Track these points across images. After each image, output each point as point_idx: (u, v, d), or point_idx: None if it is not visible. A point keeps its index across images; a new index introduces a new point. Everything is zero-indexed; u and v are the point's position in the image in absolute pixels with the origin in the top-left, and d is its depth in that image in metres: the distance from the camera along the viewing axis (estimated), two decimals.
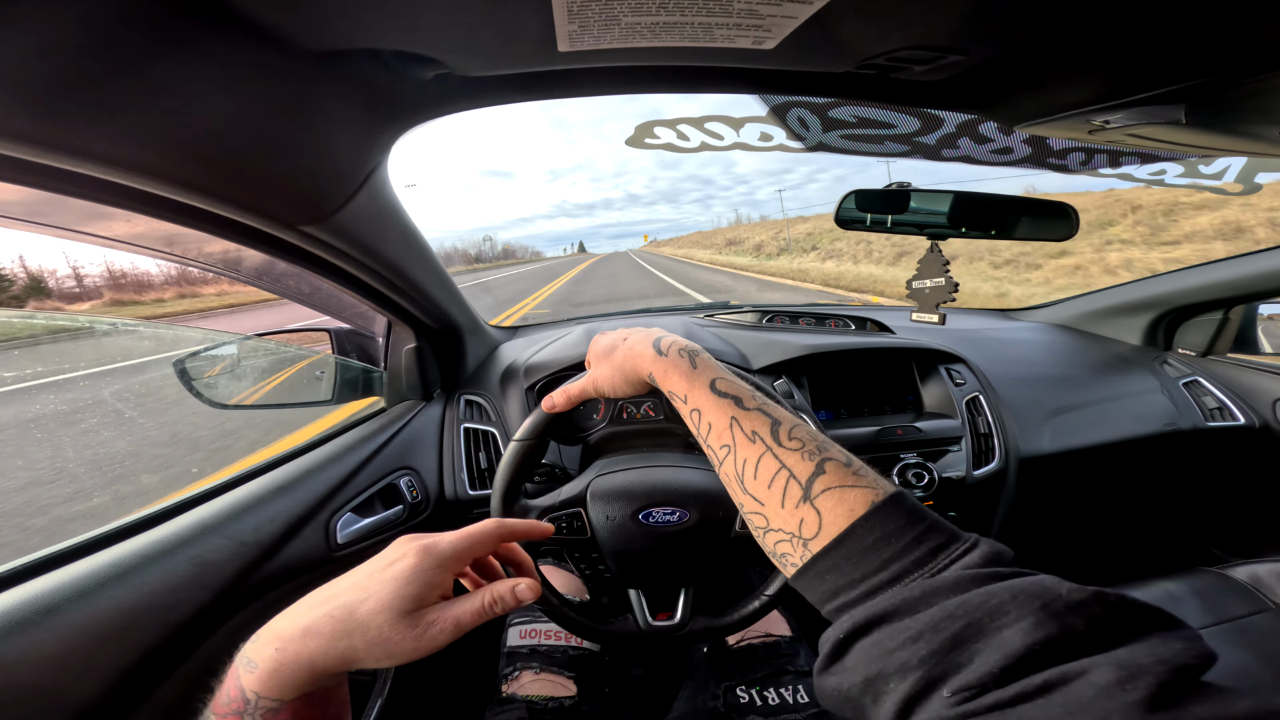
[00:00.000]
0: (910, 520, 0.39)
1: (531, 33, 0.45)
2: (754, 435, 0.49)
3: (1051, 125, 0.59)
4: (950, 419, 1.20)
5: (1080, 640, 0.29)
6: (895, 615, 0.35)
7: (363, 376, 1.21)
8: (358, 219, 0.68)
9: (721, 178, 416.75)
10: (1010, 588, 0.33)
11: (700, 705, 0.95)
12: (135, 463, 3.84)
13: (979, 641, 0.31)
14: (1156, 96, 0.49)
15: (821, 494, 0.42)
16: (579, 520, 0.79)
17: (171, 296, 23.59)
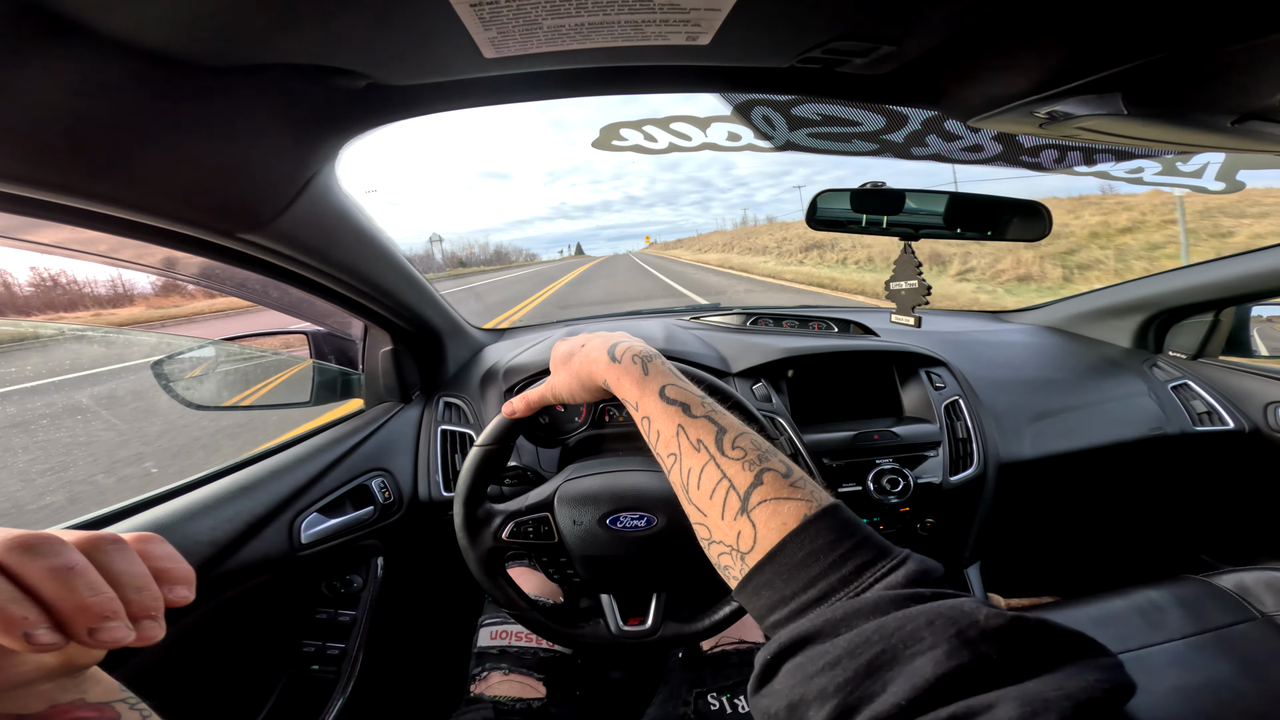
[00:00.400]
0: (840, 535, 0.39)
1: (451, 42, 0.45)
2: (699, 444, 0.48)
3: (1000, 119, 0.58)
4: (929, 424, 1.18)
5: (993, 670, 0.28)
6: (818, 637, 0.34)
7: (341, 379, 1.21)
8: (301, 225, 0.69)
9: (720, 180, 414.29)
10: (927, 611, 0.32)
11: (671, 712, 0.94)
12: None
13: (892, 669, 0.30)
14: (1091, 84, 0.48)
15: (758, 506, 0.42)
16: (546, 525, 0.78)
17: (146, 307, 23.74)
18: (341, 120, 0.59)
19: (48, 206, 0.49)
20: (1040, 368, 1.45)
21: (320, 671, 1.01)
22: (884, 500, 1.07)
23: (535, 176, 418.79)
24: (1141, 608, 1.07)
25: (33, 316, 32.63)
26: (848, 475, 1.10)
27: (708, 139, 0.88)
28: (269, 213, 0.62)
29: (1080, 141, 0.69)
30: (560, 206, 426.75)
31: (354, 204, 0.78)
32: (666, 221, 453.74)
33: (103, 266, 0.69)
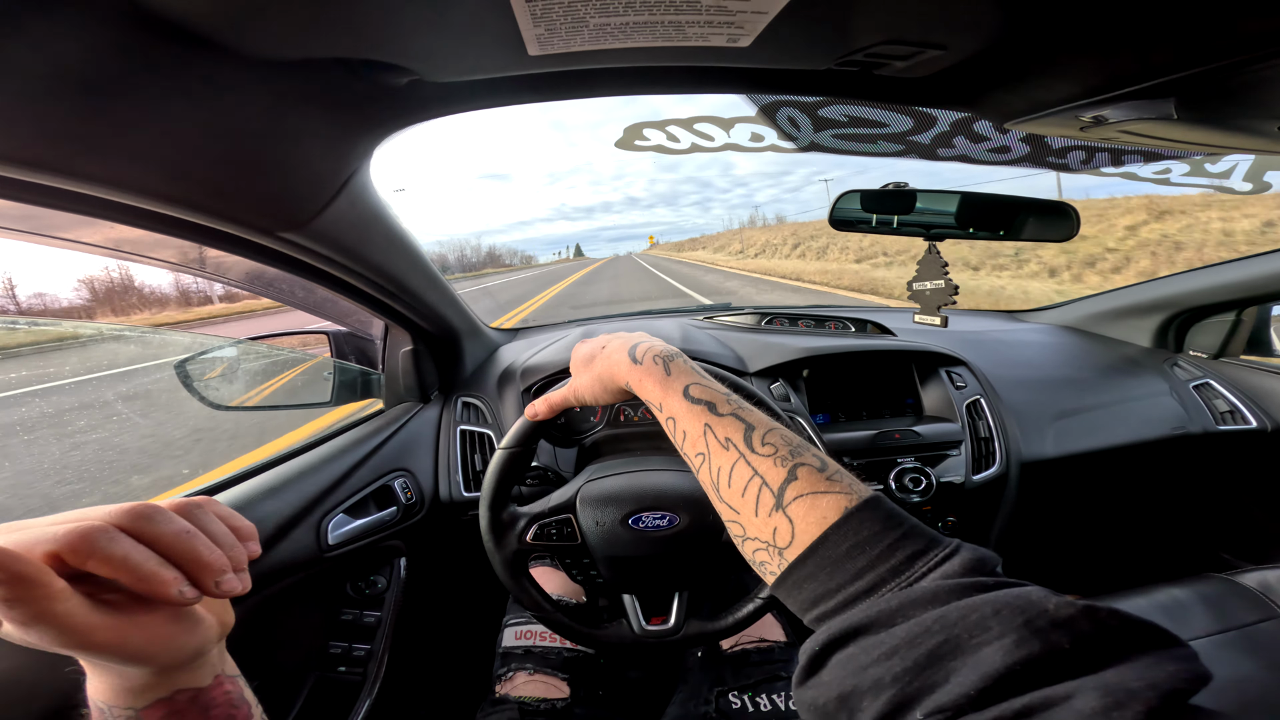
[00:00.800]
0: (886, 526, 0.38)
1: (499, 38, 0.45)
2: (727, 442, 0.47)
3: (1041, 122, 0.57)
4: (950, 423, 1.18)
5: (1066, 660, 0.27)
6: (871, 628, 0.33)
7: (361, 379, 1.21)
8: (338, 224, 0.69)
9: (720, 180, 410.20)
10: (992, 600, 0.31)
11: (692, 710, 0.94)
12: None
13: (956, 659, 0.29)
14: (1144, 90, 0.47)
15: (794, 501, 0.41)
16: (569, 526, 0.79)
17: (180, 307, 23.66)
18: (381, 117, 0.58)
19: (91, 201, 0.49)
20: (1060, 367, 1.44)
21: (347, 673, 1.02)
22: (906, 499, 1.07)
23: (535, 178, 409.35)
24: (1164, 606, 1.07)
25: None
26: (869, 474, 1.10)
27: (730, 139, 0.87)
28: (309, 211, 0.62)
29: (1118, 144, 0.68)
30: (560, 207, 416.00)
31: (385, 204, 0.78)
32: (667, 222, 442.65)
33: (141, 267, 0.69)
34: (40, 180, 0.44)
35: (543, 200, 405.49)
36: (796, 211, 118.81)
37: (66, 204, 0.48)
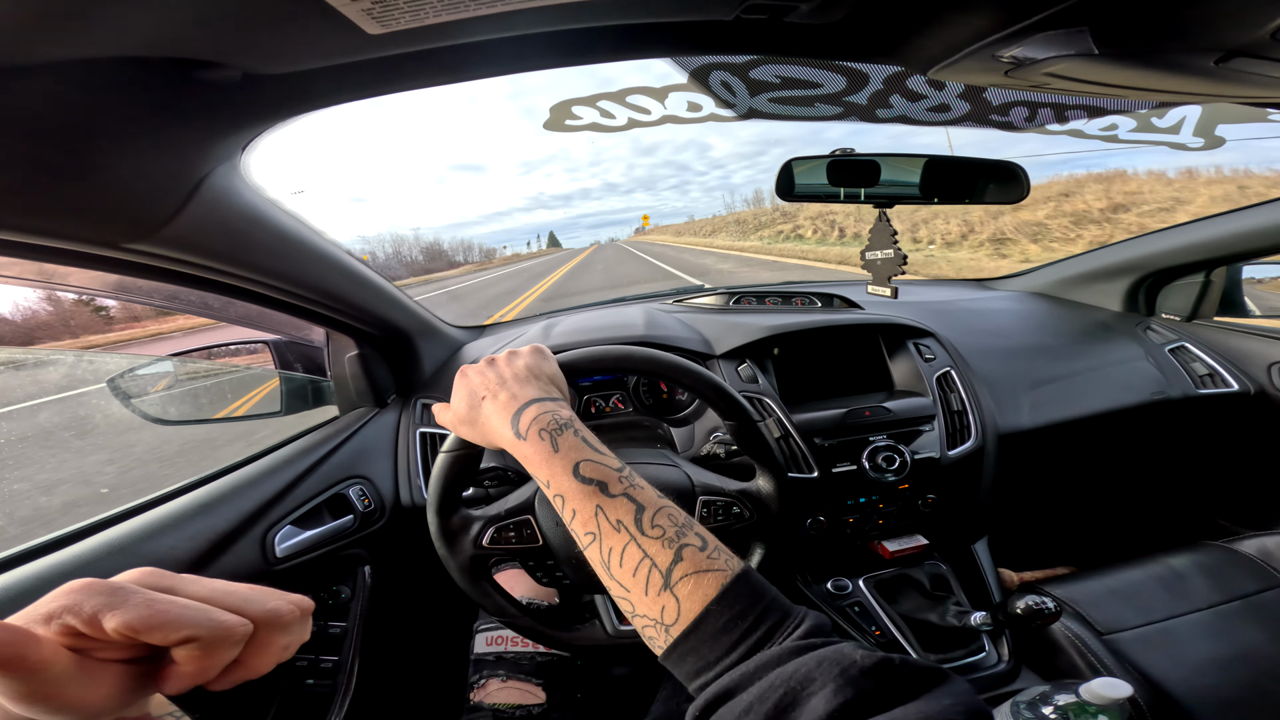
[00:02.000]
0: (753, 600, 0.43)
1: (323, 20, 0.40)
2: (619, 524, 0.49)
3: (962, 67, 0.54)
4: (921, 397, 1.15)
5: (873, 701, 0.34)
6: (736, 690, 0.38)
7: (310, 387, 1.18)
8: (199, 231, 0.64)
9: (697, 163, 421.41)
10: (817, 656, 0.37)
11: (676, 708, 0.92)
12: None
13: (795, 710, 0.35)
14: (1055, 17, 0.44)
15: (679, 580, 0.45)
16: (528, 528, 0.75)
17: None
18: (226, 116, 0.53)
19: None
20: (1031, 334, 1.42)
21: (316, 685, 0.98)
22: (881, 478, 1.04)
23: (509, 167, 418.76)
24: (1163, 577, 1.05)
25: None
26: (841, 454, 1.07)
27: (668, 110, 0.85)
28: (155, 219, 0.58)
29: (1050, 93, 0.65)
30: (538, 197, 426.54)
31: (268, 203, 0.74)
32: (646, 207, 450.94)
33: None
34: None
35: (519, 190, 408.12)
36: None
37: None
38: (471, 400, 0.62)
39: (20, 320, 38.00)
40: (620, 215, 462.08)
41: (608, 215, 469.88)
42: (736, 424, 0.77)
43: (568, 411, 0.58)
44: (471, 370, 0.65)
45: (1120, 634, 0.94)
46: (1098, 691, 0.61)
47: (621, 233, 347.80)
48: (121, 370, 1.02)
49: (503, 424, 0.57)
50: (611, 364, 0.75)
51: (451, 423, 0.66)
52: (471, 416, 0.62)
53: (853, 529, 1.10)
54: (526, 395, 0.59)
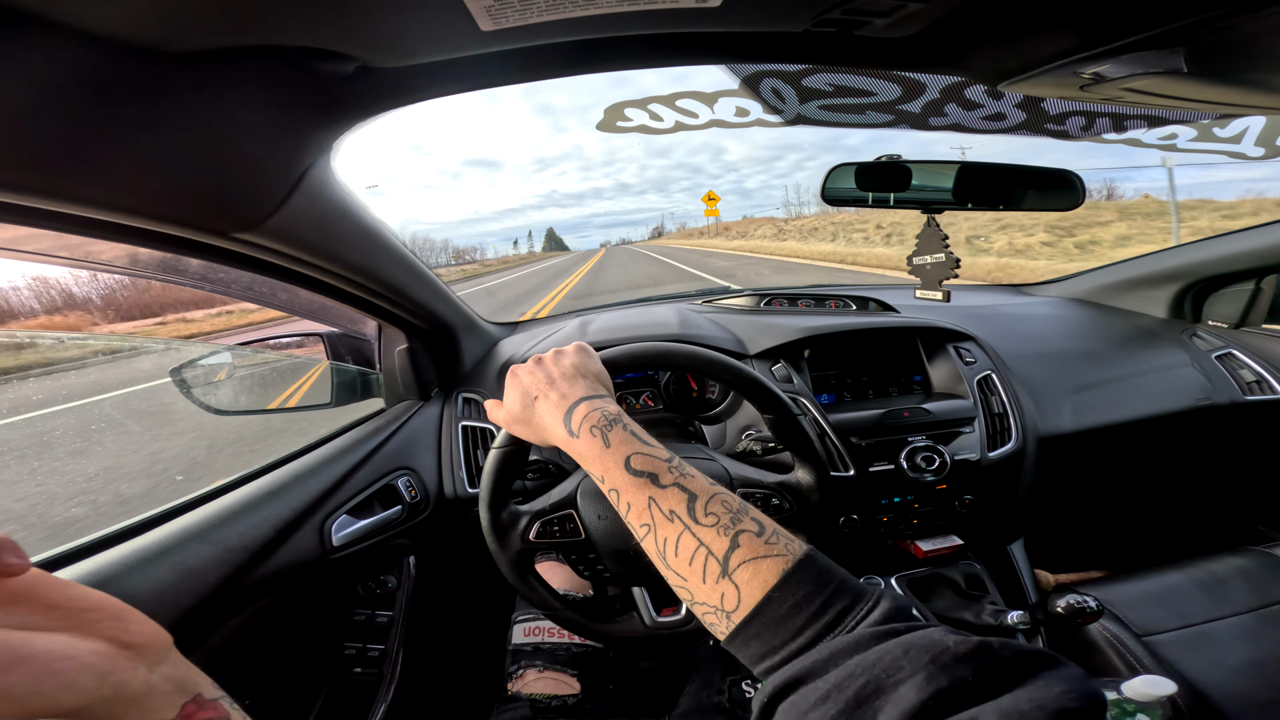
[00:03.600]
0: (819, 584, 0.42)
1: (445, 14, 0.42)
2: (671, 514, 0.49)
3: (1037, 81, 0.54)
4: (961, 399, 1.15)
5: (970, 690, 0.31)
6: (808, 678, 0.37)
7: (359, 379, 1.21)
8: (299, 222, 0.67)
9: (711, 165, 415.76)
10: (902, 643, 0.35)
11: (705, 701, 0.93)
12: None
13: (879, 698, 0.32)
14: (1150, 39, 0.43)
15: (738, 568, 0.44)
16: (571, 522, 0.77)
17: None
18: (333, 109, 0.56)
19: (22, 211, 0.47)
20: (1073, 339, 1.40)
21: (363, 674, 1.02)
22: (919, 478, 1.05)
23: (524, 164, 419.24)
24: (1201, 581, 1.04)
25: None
26: (878, 454, 1.08)
27: (715, 115, 0.85)
28: (263, 210, 0.60)
29: (1122, 105, 0.64)
30: (551, 194, 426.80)
31: (354, 199, 0.76)
32: (658, 209, 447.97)
33: (103, 274, 0.68)
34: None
35: (532, 188, 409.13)
36: (788, 198, 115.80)
37: (26, 219, 0.48)
38: (524, 400, 0.64)
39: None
40: (632, 216, 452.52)
41: (619, 215, 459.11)
42: (775, 417, 0.78)
43: (615, 407, 0.59)
44: (522, 370, 0.66)
45: (1158, 636, 0.94)
46: (1140, 689, 0.61)
47: (633, 234, 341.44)
48: (185, 361, 1.07)
49: (556, 422, 0.59)
50: (653, 360, 0.76)
51: (505, 421, 0.68)
52: (525, 416, 0.64)
53: (886, 528, 1.11)
54: (576, 393, 0.61)
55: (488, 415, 0.71)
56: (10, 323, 30.28)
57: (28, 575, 0.31)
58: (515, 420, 0.65)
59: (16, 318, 34.90)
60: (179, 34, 0.39)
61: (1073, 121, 0.80)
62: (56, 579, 0.33)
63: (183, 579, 0.67)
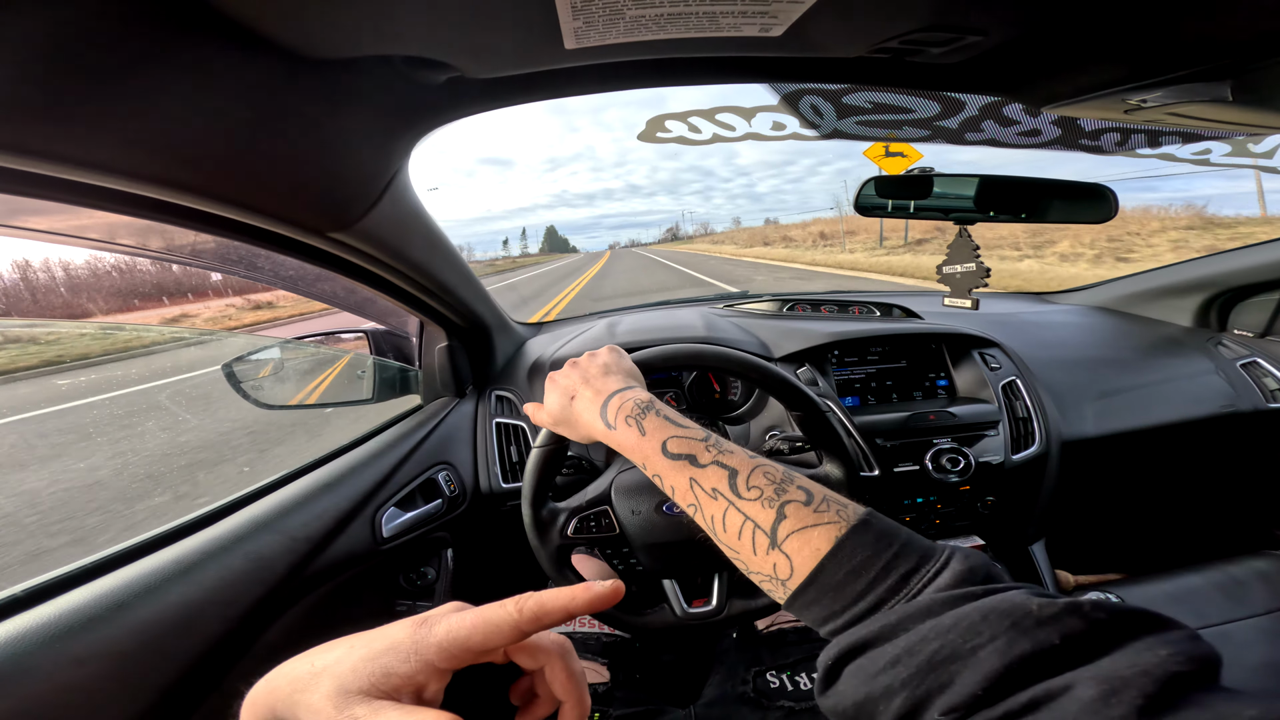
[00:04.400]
0: (878, 548, 0.41)
1: (538, 32, 0.45)
2: (714, 492, 0.49)
3: (1083, 106, 0.56)
4: (986, 403, 1.17)
5: (1058, 655, 0.29)
6: (876, 641, 0.36)
7: (400, 375, 1.26)
8: (382, 224, 0.70)
9: (722, 169, 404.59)
10: (980, 608, 0.33)
11: (730, 690, 0.96)
12: None
13: (956, 663, 0.31)
14: (1198, 73, 0.46)
15: (787, 539, 0.44)
16: (606, 518, 0.81)
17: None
18: (419, 116, 0.59)
19: (142, 201, 0.49)
20: (1096, 347, 1.42)
21: None
22: (944, 479, 1.07)
23: (536, 164, 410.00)
24: (1220, 583, 1.05)
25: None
26: (903, 455, 1.11)
27: (752, 129, 0.88)
28: (357, 211, 0.63)
29: (1162, 126, 0.66)
30: (562, 194, 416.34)
31: (421, 202, 0.80)
32: (667, 211, 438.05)
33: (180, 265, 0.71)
34: (91, 180, 0.44)
35: (544, 187, 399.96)
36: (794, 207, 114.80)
37: (113, 204, 0.49)
38: (563, 401, 0.66)
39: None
40: (642, 218, 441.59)
41: (630, 217, 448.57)
42: (803, 414, 0.80)
43: (647, 395, 0.61)
44: (558, 375, 0.70)
45: None
46: None
47: (644, 236, 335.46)
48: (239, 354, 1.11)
49: (594, 418, 0.61)
50: (684, 361, 0.79)
51: (548, 422, 0.71)
52: (566, 416, 0.66)
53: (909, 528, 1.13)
54: (609, 388, 0.63)
55: (530, 418, 0.75)
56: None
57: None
58: (557, 421, 0.68)
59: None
60: (315, 40, 0.42)
61: (1107, 138, 0.82)
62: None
63: (255, 568, 0.71)
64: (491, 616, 0.34)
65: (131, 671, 0.55)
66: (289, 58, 0.44)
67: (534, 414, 0.73)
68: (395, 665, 0.32)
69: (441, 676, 0.33)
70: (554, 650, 0.38)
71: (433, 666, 0.32)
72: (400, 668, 0.32)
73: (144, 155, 0.44)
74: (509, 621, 0.34)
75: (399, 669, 0.32)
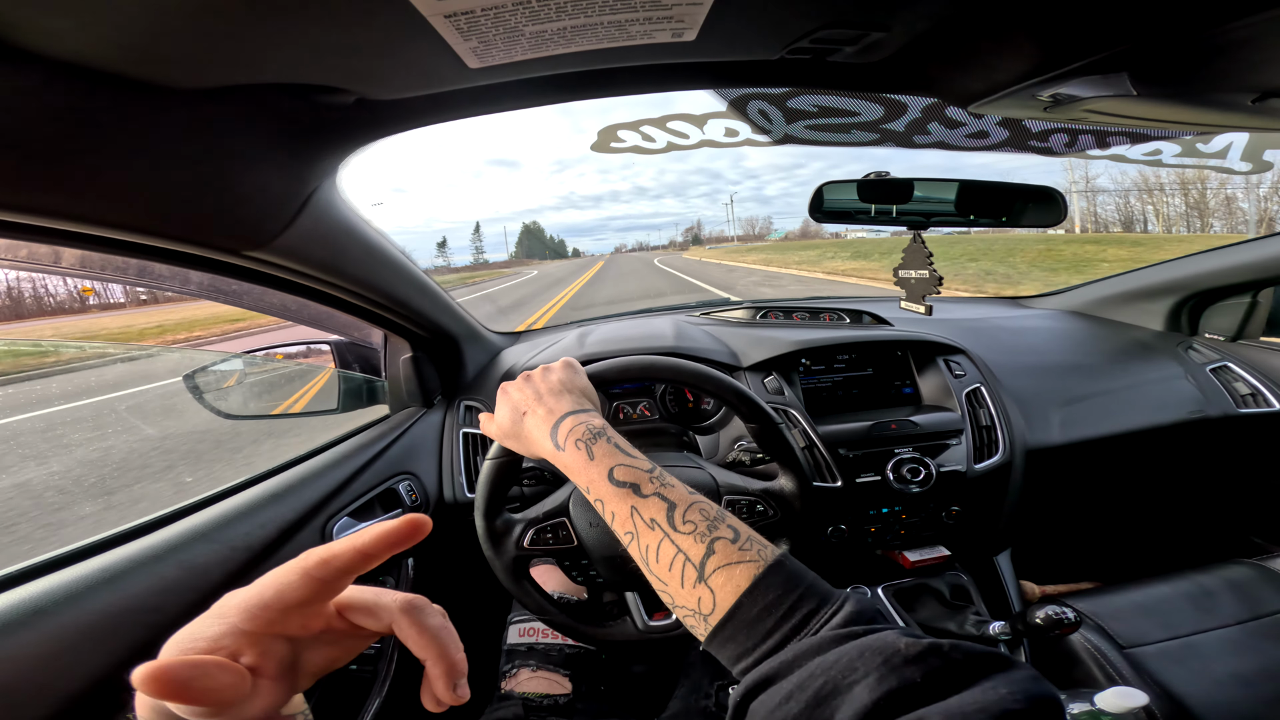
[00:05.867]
0: (788, 588, 0.43)
1: (434, 55, 0.45)
2: (652, 522, 0.51)
3: (1003, 104, 0.56)
4: (949, 412, 1.16)
5: (919, 691, 0.32)
6: (776, 678, 0.38)
7: (365, 386, 1.25)
8: (306, 241, 0.70)
9: (730, 172, 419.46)
10: (859, 645, 0.36)
11: (694, 705, 0.95)
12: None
13: (837, 698, 0.34)
14: (1093, 65, 0.46)
15: (713, 573, 0.46)
16: (564, 529, 0.80)
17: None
18: (335, 136, 0.59)
19: (39, 230, 0.50)
20: (1066, 352, 1.42)
21: (358, 670, 1.04)
22: (905, 489, 1.06)
23: (543, 165, 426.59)
24: (1190, 593, 1.05)
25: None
26: (865, 465, 1.10)
27: (705, 136, 0.88)
28: (272, 230, 0.63)
29: (1089, 124, 0.66)
30: (569, 196, 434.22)
31: (358, 217, 0.80)
32: (675, 213, 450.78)
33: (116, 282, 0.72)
34: (16, 220, 0.46)
35: (551, 189, 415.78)
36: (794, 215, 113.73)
37: (42, 238, 0.50)
38: (514, 416, 0.67)
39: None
40: (649, 220, 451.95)
41: (636, 219, 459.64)
42: (758, 426, 0.80)
43: (600, 421, 0.62)
44: (511, 387, 0.70)
45: (1142, 648, 0.94)
46: (1112, 700, 0.63)
47: (651, 239, 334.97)
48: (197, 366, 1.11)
49: (543, 436, 0.62)
50: (638, 373, 0.79)
51: (497, 435, 0.71)
52: (515, 430, 0.67)
53: (874, 538, 1.13)
54: (562, 409, 0.63)
55: (481, 428, 0.74)
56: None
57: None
58: (506, 434, 0.69)
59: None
60: (182, 72, 0.42)
61: (1056, 139, 0.82)
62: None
63: (188, 576, 0.70)
64: (283, 568, 0.34)
65: (42, 676, 0.55)
66: (170, 94, 0.44)
67: (485, 425, 0.73)
68: (199, 629, 0.32)
69: (256, 641, 0.32)
70: (394, 607, 0.37)
71: (236, 628, 0.32)
72: (204, 631, 0.32)
73: (38, 193, 0.45)
74: (296, 567, 0.34)
75: (203, 632, 0.32)
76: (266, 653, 0.33)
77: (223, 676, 0.29)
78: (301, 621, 0.35)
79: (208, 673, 0.29)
